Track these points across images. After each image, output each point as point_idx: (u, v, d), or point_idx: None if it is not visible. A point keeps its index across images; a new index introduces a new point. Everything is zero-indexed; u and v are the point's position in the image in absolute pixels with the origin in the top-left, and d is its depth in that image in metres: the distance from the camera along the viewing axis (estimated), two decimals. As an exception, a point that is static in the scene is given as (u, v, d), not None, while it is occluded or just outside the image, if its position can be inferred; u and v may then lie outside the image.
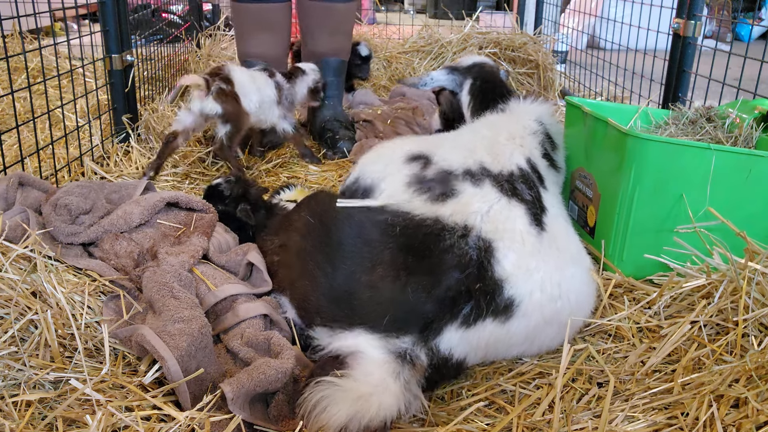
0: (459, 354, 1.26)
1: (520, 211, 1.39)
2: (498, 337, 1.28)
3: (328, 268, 1.31)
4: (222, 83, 2.24)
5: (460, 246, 1.29)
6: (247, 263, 1.52)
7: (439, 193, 1.41)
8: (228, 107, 2.24)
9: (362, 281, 1.27)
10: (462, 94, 2.09)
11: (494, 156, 1.55)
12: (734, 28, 6.20)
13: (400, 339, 1.21)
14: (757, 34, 6.49)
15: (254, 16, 2.68)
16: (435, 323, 1.23)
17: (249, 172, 2.49)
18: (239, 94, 2.27)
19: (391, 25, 4.75)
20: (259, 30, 2.69)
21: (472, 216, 1.34)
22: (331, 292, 1.29)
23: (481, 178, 1.45)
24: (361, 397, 1.09)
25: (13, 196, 1.63)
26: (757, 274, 1.34)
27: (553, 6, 4.23)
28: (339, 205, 1.41)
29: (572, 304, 1.34)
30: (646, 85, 2.81)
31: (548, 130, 1.80)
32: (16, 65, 3.48)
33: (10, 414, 1.06)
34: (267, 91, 2.40)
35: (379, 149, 1.74)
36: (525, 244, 1.33)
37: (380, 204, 1.41)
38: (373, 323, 1.22)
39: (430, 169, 1.50)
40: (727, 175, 1.57)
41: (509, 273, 1.28)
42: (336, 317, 1.26)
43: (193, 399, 1.16)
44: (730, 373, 1.19)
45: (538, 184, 1.54)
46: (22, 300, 1.27)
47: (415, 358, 1.20)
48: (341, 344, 1.22)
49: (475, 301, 1.25)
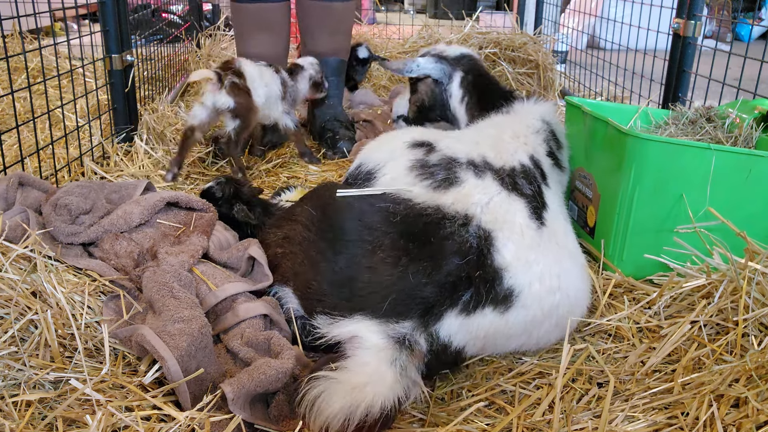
0: (458, 342, 1.26)
1: (520, 205, 1.40)
2: (497, 328, 1.29)
3: (330, 255, 1.32)
4: (235, 77, 2.25)
5: (461, 234, 1.30)
6: (248, 258, 1.52)
7: (441, 180, 1.41)
8: (241, 101, 2.25)
9: (363, 266, 1.28)
10: (451, 86, 2.06)
11: (498, 152, 1.56)
12: (734, 28, 6.20)
13: (399, 324, 1.21)
14: (757, 34, 6.49)
15: (253, 16, 2.68)
16: (435, 308, 1.23)
17: (249, 172, 2.49)
18: (251, 88, 2.28)
19: (391, 25, 4.75)
20: (259, 30, 2.70)
21: (472, 206, 1.35)
22: (332, 277, 1.30)
23: (484, 171, 1.46)
24: (356, 387, 1.10)
25: (13, 196, 1.62)
26: (757, 274, 1.34)
27: (553, 6, 4.23)
28: (339, 195, 1.42)
29: (570, 299, 1.35)
30: (646, 85, 2.81)
31: (553, 128, 1.81)
32: (16, 65, 3.48)
33: (10, 414, 1.06)
34: (274, 86, 2.41)
35: (382, 137, 1.75)
36: (524, 236, 1.34)
37: (380, 191, 1.41)
38: (372, 308, 1.23)
39: (434, 155, 1.50)
40: (727, 175, 1.57)
41: (509, 262, 1.29)
42: (337, 304, 1.27)
43: (193, 399, 1.16)
44: (730, 373, 1.19)
45: (540, 180, 1.55)
46: (22, 300, 1.27)
47: (414, 344, 1.20)
48: (340, 331, 1.22)
49: (475, 288, 1.25)
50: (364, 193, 1.42)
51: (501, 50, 3.49)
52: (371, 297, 1.25)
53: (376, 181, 1.49)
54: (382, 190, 1.42)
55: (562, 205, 1.62)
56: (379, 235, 1.31)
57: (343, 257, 1.31)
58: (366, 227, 1.33)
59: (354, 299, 1.26)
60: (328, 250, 1.33)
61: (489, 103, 1.96)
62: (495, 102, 1.95)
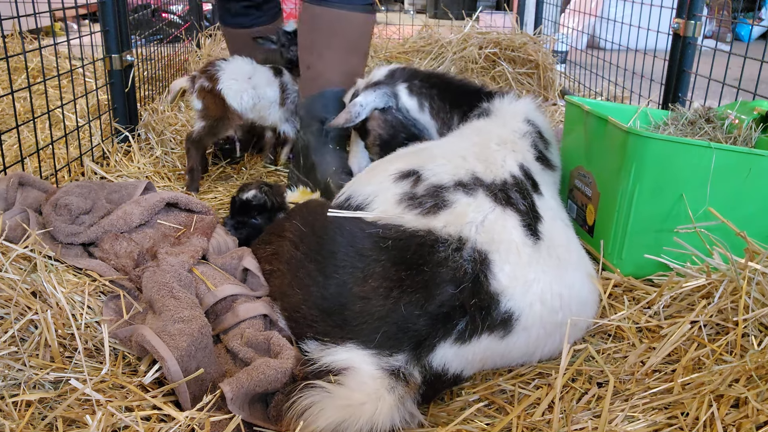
0: (454, 369, 1.23)
1: (514, 222, 1.35)
2: (495, 351, 1.27)
3: (320, 279, 1.28)
4: (206, 80, 2.26)
5: (455, 259, 1.25)
6: (242, 269, 1.51)
7: (430, 206, 1.35)
8: (208, 104, 2.25)
9: (354, 294, 1.24)
10: (401, 102, 1.92)
11: (486, 164, 1.50)
12: (734, 28, 6.20)
13: (392, 357, 1.18)
14: (757, 34, 6.49)
15: (243, 39, 2.62)
16: (428, 341, 1.20)
17: (248, 172, 2.49)
18: (225, 92, 2.25)
19: (391, 25, 4.74)
20: (250, 49, 2.56)
21: (466, 227, 1.30)
22: (322, 303, 1.26)
23: (475, 188, 1.40)
24: (352, 404, 1.08)
25: (13, 196, 1.62)
26: (757, 274, 1.34)
27: (553, 6, 4.23)
28: (330, 214, 1.39)
29: (574, 314, 1.32)
30: (646, 85, 2.81)
31: (539, 128, 1.77)
32: (16, 65, 3.48)
33: (10, 414, 1.06)
34: (268, 90, 2.35)
35: (369, 170, 1.66)
36: (521, 255, 1.29)
37: (373, 217, 1.36)
38: (365, 339, 1.20)
39: (421, 185, 1.42)
40: (728, 174, 1.57)
41: (505, 286, 1.25)
42: (327, 330, 1.24)
43: (193, 399, 1.16)
44: (730, 373, 1.19)
45: (532, 192, 1.49)
46: (22, 300, 1.27)
47: (408, 376, 1.17)
48: (333, 359, 1.18)
49: (470, 316, 1.22)
50: (355, 216, 1.37)
51: (501, 50, 3.49)
52: (363, 327, 1.21)
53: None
54: (374, 214, 1.36)
55: (560, 210, 1.58)
56: (370, 262, 1.26)
57: (333, 282, 1.27)
58: (357, 253, 1.29)
59: (346, 327, 1.22)
60: (318, 274, 1.29)
61: (457, 100, 1.87)
62: (463, 98, 1.86)
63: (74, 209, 1.59)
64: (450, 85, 1.94)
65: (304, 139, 2.23)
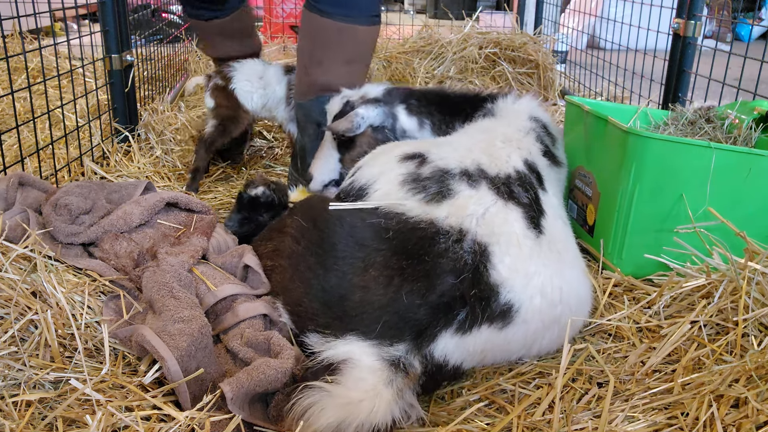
0: (455, 360, 1.24)
1: (516, 215, 1.36)
2: (495, 343, 1.27)
3: (321, 271, 1.29)
4: (219, 80, 2.32)
5: (455, 250, 1.26)
6: (243, 266, 1.51)
7: (434, 193, 1.36)
8: (221, 103, 2.30)
9: (355, 285, 1.25)
10: (399, 123, 1.89)
11: (491, 158, 1.51)
12: (734, 28, 6.20)
13: (393, 347, 1.18)
14: (757, 34, 6.49)
15: (215, 29, 2.55)
16: (429, 330, 1.20)
17: (248, 172, 2.49)
18: (238, 93, 2.29)
19: (391, 25, 4.74)
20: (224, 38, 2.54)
21: (467, 219, 1.31)
22: (323, 295, 1.27)
23: (478, 180, 1.41)
24: (351, 403, 1.08)
25: (13, 196, 1.62)
26: (757, 274, 1.34)
27: (553, 6, 4.23)
28: (332, 208, 1.39)
29: (572, 309, 1.33)
30: (646, 85, 2.81)
31: (544, 123, 1.77)
32: (16, 65, 3.48)
33: (10, 414, 1.06)
34: (277, 88, 2.38)
35: (374, 152, 1.68)
36: (522, 248, 1.30)
37: (374, 205, 1.37)
38: (365, 329, 1.20)
39: (426, 167, 1.45)
40: (728, 173, 1.57)
41: (505, 277, 1.26)
42: (329, 323, 1.24)
43: (193, 399, 1.16)
44: (730, 373, 1.19)
45: (536, 186, 1.50)
46: (22, 300, 1.27)
47: (408, 366, 1.17)
48: (334, 352, 1.19)
49: (470, 307, 1.22)
50: (356, 207, 1.38)
51: (501, 50, 3.49)
52: (364, 317, 1.21)
53: (368, 196, 1.44)
54: (375, 204, 1.37)
55: (562, 208, 1.59)
56: (371, 252, 1.28)
57: (334, 274, 1.28)
58: (358, 243, 1.30)
59: (346, 318, 1.23)
60: (318, 267, 1.30)
61: (458, 108, 1.87)
62: (463, 105, 1.86)
63: (74, 209, 1.58)
64: (447, 98, 1.94)
65: (302, 141, 2.22)
